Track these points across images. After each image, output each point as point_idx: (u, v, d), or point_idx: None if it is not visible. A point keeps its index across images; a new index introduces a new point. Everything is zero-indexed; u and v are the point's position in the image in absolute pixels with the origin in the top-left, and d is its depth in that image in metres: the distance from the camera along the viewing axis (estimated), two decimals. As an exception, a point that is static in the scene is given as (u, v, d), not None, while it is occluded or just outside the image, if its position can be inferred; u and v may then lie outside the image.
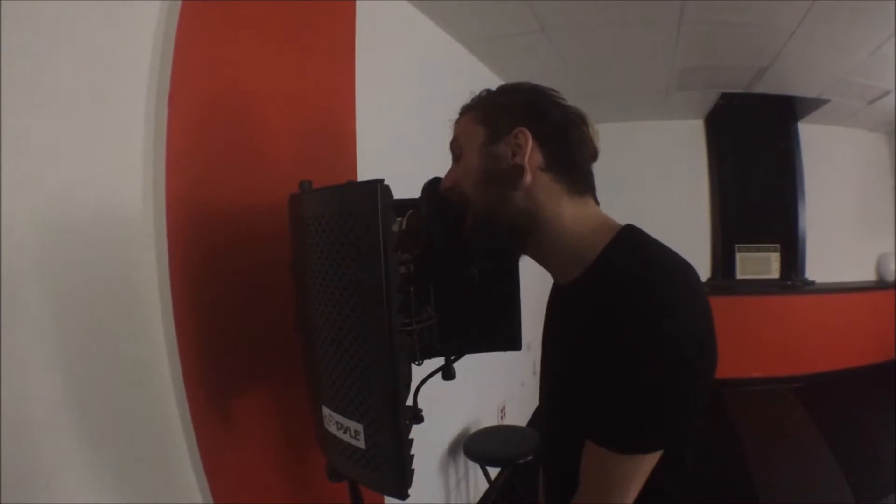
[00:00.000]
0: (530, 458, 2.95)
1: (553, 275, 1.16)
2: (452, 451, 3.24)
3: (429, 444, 2.91)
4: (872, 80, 4.66)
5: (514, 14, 3.19)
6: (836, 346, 6.31)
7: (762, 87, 4.99)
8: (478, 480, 3.62)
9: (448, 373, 1.54)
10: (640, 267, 0.96)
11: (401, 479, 1.10)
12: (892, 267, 6.68)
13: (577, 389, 1.01)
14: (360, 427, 1.14)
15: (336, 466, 1.32)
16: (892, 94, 4.97)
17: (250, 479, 1.60)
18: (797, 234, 6.49)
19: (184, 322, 1.37)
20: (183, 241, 1.38)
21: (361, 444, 1.14)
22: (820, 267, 6.54)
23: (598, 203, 1.13)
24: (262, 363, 1.63)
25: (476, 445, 3.14)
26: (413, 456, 1.12)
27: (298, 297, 1.35)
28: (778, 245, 6.38)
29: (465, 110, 1.16)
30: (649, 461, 0.94)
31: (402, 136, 2.65)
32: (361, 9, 2.15)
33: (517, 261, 1.28)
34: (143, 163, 1.32)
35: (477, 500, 3.69)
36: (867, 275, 6.88)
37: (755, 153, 6.34)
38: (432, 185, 1.23)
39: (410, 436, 1.11)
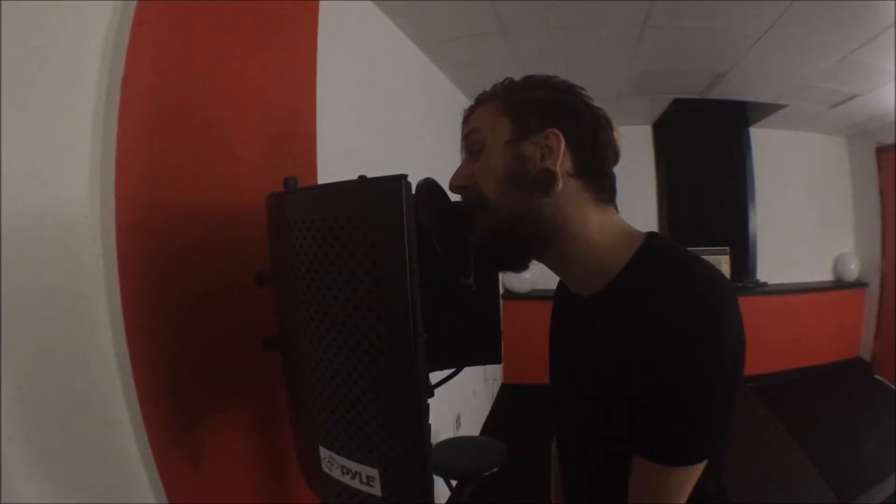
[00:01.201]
0: (496, 469, 2.86)
1: (572, 285, 1.12)
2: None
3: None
4: (840, 85, 4.74)
5: (478, 14, 3.13)
6: (793, 345, 6.40)
7: (717, 93, 5.05)
8: (438, 494, 3.45)
9: (429, 391, 1.42)
10: (684, 275, 0.93)
11: None
12: (852, 267, 6.99)
13: (621, 405, 0.96)
14: (374, 473, 0.97)
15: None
16: (857, 99, 5.14)
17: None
18: (747, 236, 6.71)
19: (138, 345, 1.18)
20: (135, 248, 1.18)
21: (377, 490, 0.98)
22: (774, 268, 6.79)
23: (617, 210, 1.09)
24: (229, 389, 1.46)
25: (440, 459, 3.00)
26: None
27: (280, 313, 1.20)
28: (727, 248, 6.51)
29: (487, 99, 1.07)
30: (701, 467, 0.93)
31: (360, 137, 2.59)
32: (324, 7, 2.09)
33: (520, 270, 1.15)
34: (90, 157, 1.12)
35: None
36: (824, 275, 7.16)
37: (704, 158, 6.57)
38: (430, 188, 1.11)
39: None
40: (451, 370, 1.42)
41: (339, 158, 2.12)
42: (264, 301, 1.31)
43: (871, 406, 5.74)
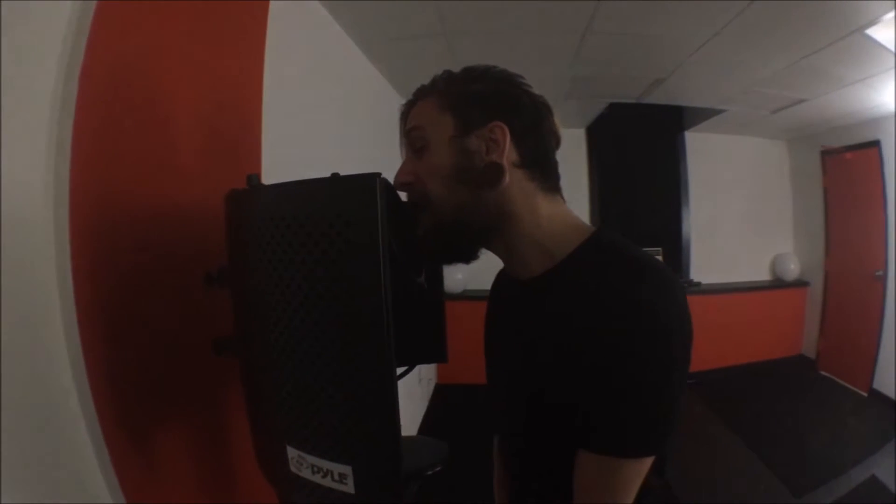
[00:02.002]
0: (438, 468, 2.86)
1: (515, 270, 1.11)
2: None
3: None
4: (786, 90, 4.86)
5: (422, 15, 3.13)
6: (733, 343, 6.56)
7: (654, 98, 5.14)
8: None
9: None
10: (632, 263, 0.94)
11: None
12: (791, 267, 7.28)
13: (565, 394, 0.96)
14: (347, 470, 0.96)
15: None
16: (804, 104, 5.28)
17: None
18: (680, 237, 6.84)
19: (94, 352, 1.14)
20: (90, 250, 1.15)
21: (350, 488, 0.97)
22: (709, 268, 6.99)
23: (563, 198, 1.10)
24: (181, 391, 1.43)
25: None
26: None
27: (239, 314, 1.17)
28: (659, 248, 6.58)
29: (426, 94, 1.06)
30: (650, 462, 0.93)
31: (304, 134, 2.56)
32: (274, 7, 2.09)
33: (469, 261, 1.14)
34: (45, 157, 1.08)
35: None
36: (762, 275, 7.49)
37: (638, 162, 6.63)
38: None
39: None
40: (403, 368, 1.42)
41: (282, 155, 2.11)
42: (214, 301, 1.29)
43: (818, 402, 5.90)
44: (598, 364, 0.88)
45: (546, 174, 1.05)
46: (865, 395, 5.83)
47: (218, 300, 1.25)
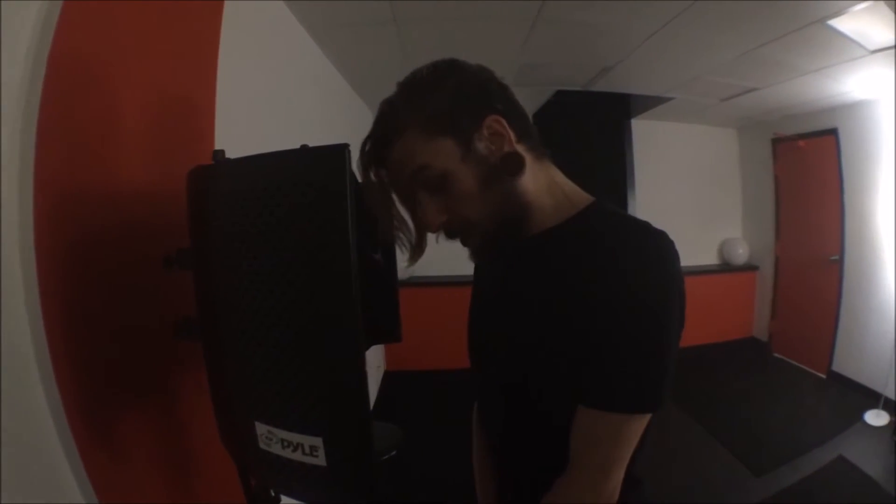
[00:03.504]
0: (394, 453, 2.87)
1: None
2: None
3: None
4: (737, 79, 4.95)
5: (371, 2, 3.11)
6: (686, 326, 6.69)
7: (602, 86, 5.22)
8: None
9: None
10: (632, 225, 0.97)
11: (372, 492, 1.00)
12: (740, 251, 7.55)
13: (565, 348, 0.97)
14: (318, 442, 0.99)
15: (281, 491, 1.15)
16: (756, 93, 5.37)
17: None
18: None
19: (58, 342, 1.15)
20: (51, 236, 1.16)
21: (321, 460, 1.00)
22: None
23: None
24: (145, 378, 1.43)
25: None
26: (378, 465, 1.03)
27: (202, 294, 1.18)
28: (603, 233, 6.60)
29: (398, 130, 1.00)
30: (647, 417, 0.96)
31: (256, 123, 2.55)
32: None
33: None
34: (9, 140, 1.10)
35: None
36: (710, 259, 7.75)
37: (584, 148, 6.49)
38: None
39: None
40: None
41: (235, 142, 2.08)
42: (173, 284, 1.30)
43: (774, 384, 6.03)
44: (597, 319, 0.91)
45: (535, 141, 1.07)
46: (824, 376, 5.99)
47: (177, 283, 1.27)
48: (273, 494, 1.29)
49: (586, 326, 0.92)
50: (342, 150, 0.89)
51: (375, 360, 5.63)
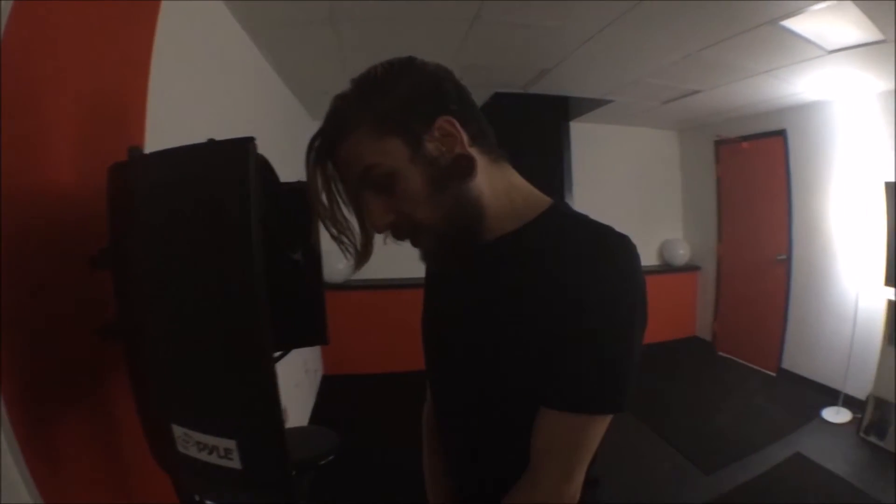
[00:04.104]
0: (332, 457, 2.87)
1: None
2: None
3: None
4: (679, 81, 5.00)
5: (308, 1, 3.09)
6: None
7: (540, 88, 5.25)
8: None
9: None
10: (596, 227, 0.97)
11: (292, 495, 1.00)
12: (681, 252, 7.73)
13: (527, 351, 0.96)
14: (232, 444, 0.99)
15: (199, 494, 1.14)
16: (698, 95, 5.43)
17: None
18: None
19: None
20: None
21: (236, 463, 0.99)
22: None
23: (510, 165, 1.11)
24: (78, 382, 1.40)
25: None
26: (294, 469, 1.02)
27: (121, 294, 1.17)
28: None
29: (346, 130, 0.98)
30: (609, 419, 0.96)
31: (190, 122, 2.48)
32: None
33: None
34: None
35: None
36: (650, 260, 7.87)
37: (521, 151, 6.38)
38: (261, 165, 1.08)
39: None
40: (280, 352, 1.40)
41: (165, 142, 2.06)
42: (101, 284, 1.27)
43: (721, 382, 6.14)
44: (562, 321, 0.91)
45: (492, 142, 1.06)
46: (774, 374, 6.09)
47: (106, 283, 1.24)
48: (198, 499, 1.28)
49: (550, 328, 0.92)
50: (245, 143, 0.88)
51: (313, 363, 5.56)
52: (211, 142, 0.96)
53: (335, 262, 5.75)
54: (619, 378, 0.93)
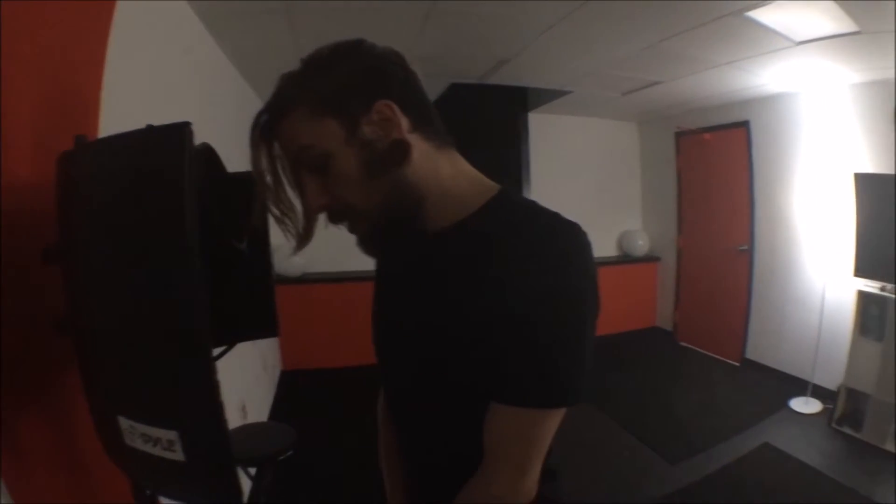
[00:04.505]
0: (290, 452, 2.87)
1: (421, 225, 1.06)
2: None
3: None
4: (639, 72, 5.00)
5: None
6: None
7: (497, 79, 5.24)
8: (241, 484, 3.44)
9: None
10: (546, 217, 0.96)
11: (235, 491, 0.99)
12: (640, 243, 7.82)
13: (477, 343, 0.95)
14: (174, 436, 0.98)
15: (147, 487, 1.13)
16: (658, 86, 5.45)
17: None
18: None
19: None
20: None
21: (179, 455, 0.98)
22: None
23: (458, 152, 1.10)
24: (38, 377, 1.39)
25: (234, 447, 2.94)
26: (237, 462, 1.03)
27: (70, 287, 1.13)
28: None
29: (286, 110, 0.98)
30: (563, 413, 0.95)
31: (146, 114, 2.42)
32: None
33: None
34: None
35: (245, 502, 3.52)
36: (609, 251, 8.02)
37: (479, 142, 6.34)
38: (205, 153, 1.11)
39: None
40: (225, 345, 1.38)
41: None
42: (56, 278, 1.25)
43: (683, 372, 6.19)
44: (512, 313, 0.90)
45: (437, 129, 1.05)
46: (738, 364, 6.17)
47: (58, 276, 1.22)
48: (148, 494, 1.26)
49: (497, 320, 0.91)
50: (181, 127, 0.87)
51: (271, 359, 5.51)
52: (149, 127, 0.95)
53: (292, 256, 5.70)
54: (571, 370, 0.92)
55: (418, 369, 1.09)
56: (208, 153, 1.10)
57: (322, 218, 1.04)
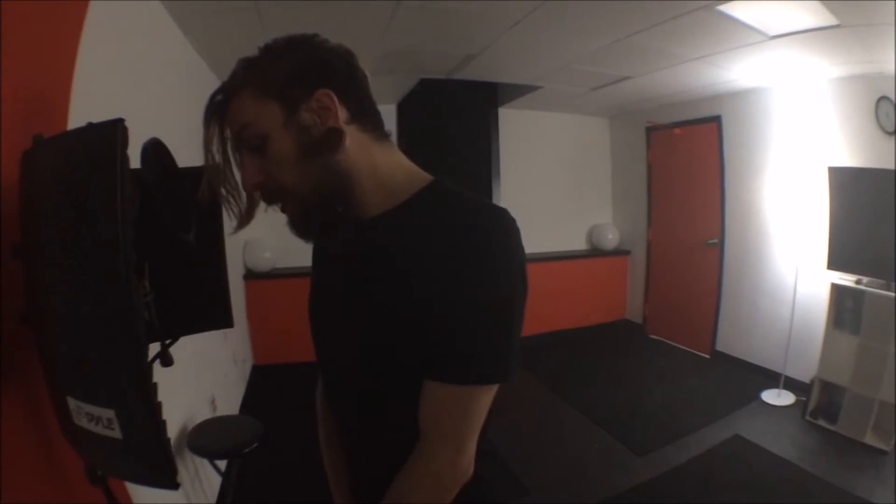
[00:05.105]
0: (256, 445, 2.91)
1: (353, 214, 1.11)
2: (177, 449, 3.05)
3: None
4: (608, 67, 5.03)
5: None
6: (549, 310, 7.08)
7: (466, 74, 5.28)
8: (210, 477, 3.47)
9: (166, 359, 1.43)
10: (474, 202, 1.01)
11: (168, 467, 1.04)
12: (610, 237, 7.87)
13: (408, 324, 1.00)
14: (111, 414, 1.03)
15: (95, 465, 1.18)
16: (629, 81, 5.49)
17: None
18: None
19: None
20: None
21: (117, 433, 1.04)
22: (523, 239, 7.29)
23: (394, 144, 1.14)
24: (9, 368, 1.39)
25: (200, 440, 2.96)
26: (169, 440, 1.05)
27: (28, 280, 1.19)
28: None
29: (235, 90, 1.03)
30: (496, 389, 1.00)
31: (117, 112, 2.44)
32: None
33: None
34: None
35: (216, 496, 3.56)
36: (578, 245, 8.09)
37: (449, 138, 6.40)
38: (154, 147, 1.15)
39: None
40: (179, 335, 1.43)
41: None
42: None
43: (653, 365, 6.21)
44: (442, 294, 0.94)
45: (375, 122, 1.09)
46: (708, 356, 6.24)
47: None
48: (100, 475, 1.30)
49: (427, 302, 0.96)
50: (114, 124, 0.92)
51: (242, 353, 5.51)
52: (88, 124, 1.00)
53: (261, 251, 5.73)
54: (503, 348, 0.97)
55: (352, 353, 1.12)
56: (157, 148, 1.15)
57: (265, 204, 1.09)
